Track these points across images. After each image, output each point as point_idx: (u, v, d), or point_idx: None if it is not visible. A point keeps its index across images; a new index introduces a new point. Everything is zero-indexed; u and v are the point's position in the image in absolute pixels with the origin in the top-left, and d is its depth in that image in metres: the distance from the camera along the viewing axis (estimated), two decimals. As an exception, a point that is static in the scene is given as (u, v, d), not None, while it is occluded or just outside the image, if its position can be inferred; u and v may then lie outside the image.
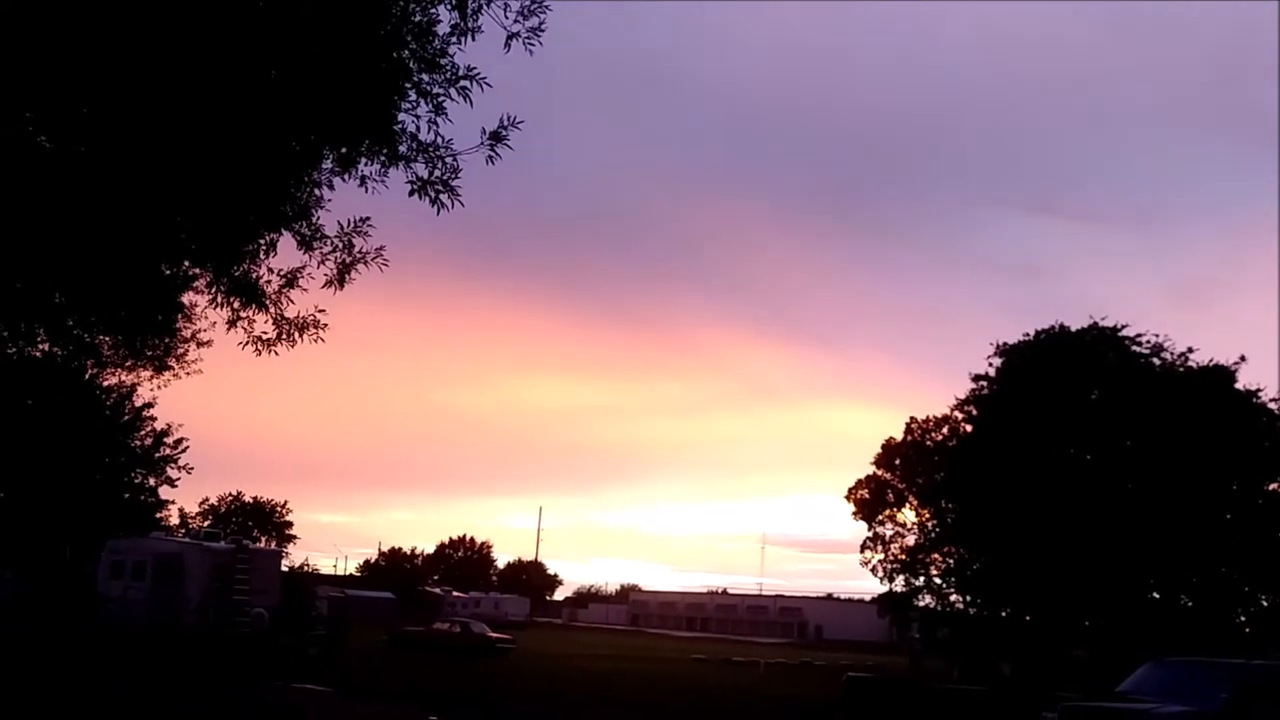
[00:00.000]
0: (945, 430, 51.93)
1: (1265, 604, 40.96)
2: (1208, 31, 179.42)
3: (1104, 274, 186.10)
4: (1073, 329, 43.28)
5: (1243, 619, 41.31)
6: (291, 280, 12.88)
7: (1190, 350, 42.10)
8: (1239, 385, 41.11)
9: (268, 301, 12.94)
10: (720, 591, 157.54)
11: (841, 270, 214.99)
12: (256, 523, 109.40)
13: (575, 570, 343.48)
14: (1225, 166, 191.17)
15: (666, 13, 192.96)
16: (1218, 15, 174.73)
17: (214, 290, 12.99)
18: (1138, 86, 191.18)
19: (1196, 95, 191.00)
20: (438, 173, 11.52)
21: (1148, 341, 42.55)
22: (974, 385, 46.24)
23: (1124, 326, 42.92)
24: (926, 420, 53.76)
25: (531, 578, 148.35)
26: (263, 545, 77.65)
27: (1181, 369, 41.80)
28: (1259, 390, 41.22)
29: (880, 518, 54.11)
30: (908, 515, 53.64)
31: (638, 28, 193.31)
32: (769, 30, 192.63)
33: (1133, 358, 42.43)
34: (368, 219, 12.27)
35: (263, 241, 12.52)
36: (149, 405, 48.15)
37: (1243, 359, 41.44)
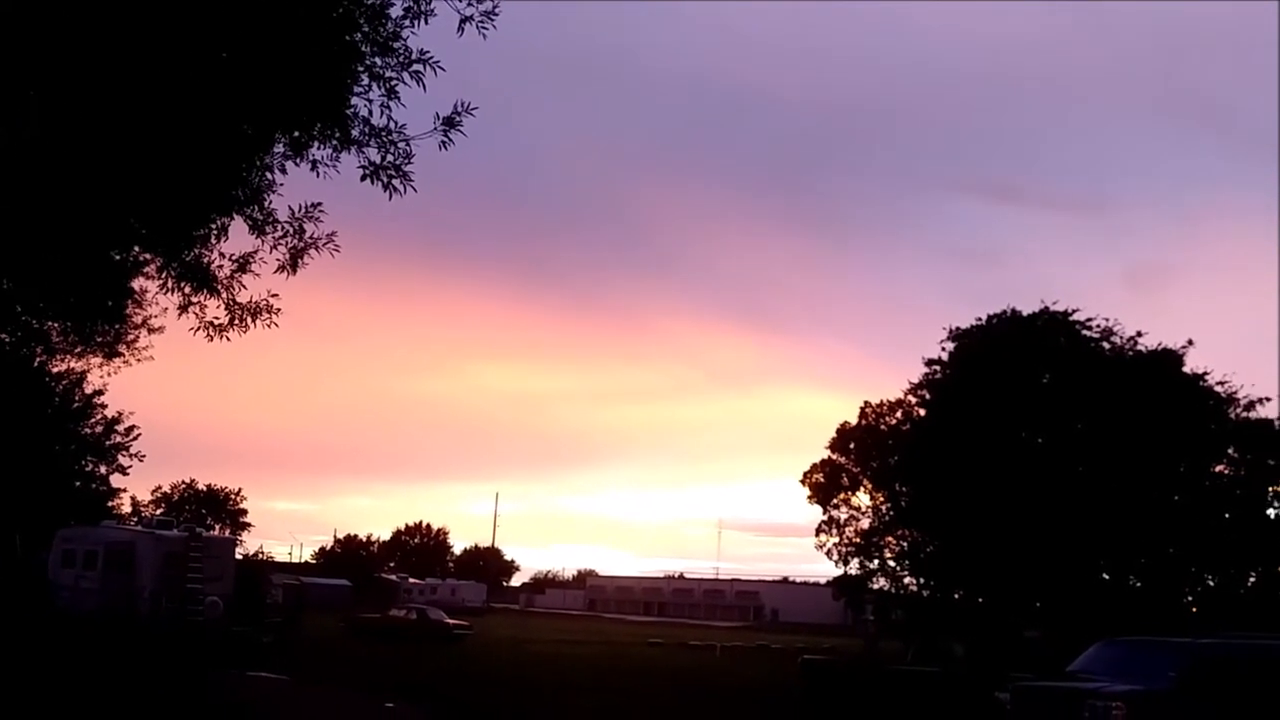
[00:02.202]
0: (899, 414, 52.28)
1: (1212, 584, 41.60)
2: (1160, 17, 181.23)
3: (1058, 259, 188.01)
4: (1024, 313, 43.66)
5: (1190, 599, 41.94)
6: (243, 265, 12.78)
7: (1139, 334, 42.64)
8: (1187, 369, 41.67)
9: (219, 286, 12.83)
10: (677, 576, 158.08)
11: (800, 256, 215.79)
12: (210, 510, 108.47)
13: (533, 556, 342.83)
14: (1177, 151, 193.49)
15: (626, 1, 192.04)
16: (1169, 3, 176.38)
17: (164, 275, 12.86)
18: (1090, 71, 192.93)
19: (1149, 81, 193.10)
20: (390, 158, 11.46)
21: (1098, 325, 43.02)
22: (927, 369, 46.61)
23: (1075, 311, 43.37)
24: (880, 404, 54.09)
25: (488, 564, 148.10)
26: (217, 533, 77.11)
27: (1131, 353, 42.28)
28: (1206, 373, 41.82)
29: (835, 501, 54.42)
30: (862, 499, 53.99)
31: (598, 15, 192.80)
32: (729, 17, 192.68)
33: (1083, 341, 42.87)
34: (319, 204, 12.20)
35: (214, 226, 12.41)
36: (99, 392, 47.65)
37: (1190, 343, 42.00)
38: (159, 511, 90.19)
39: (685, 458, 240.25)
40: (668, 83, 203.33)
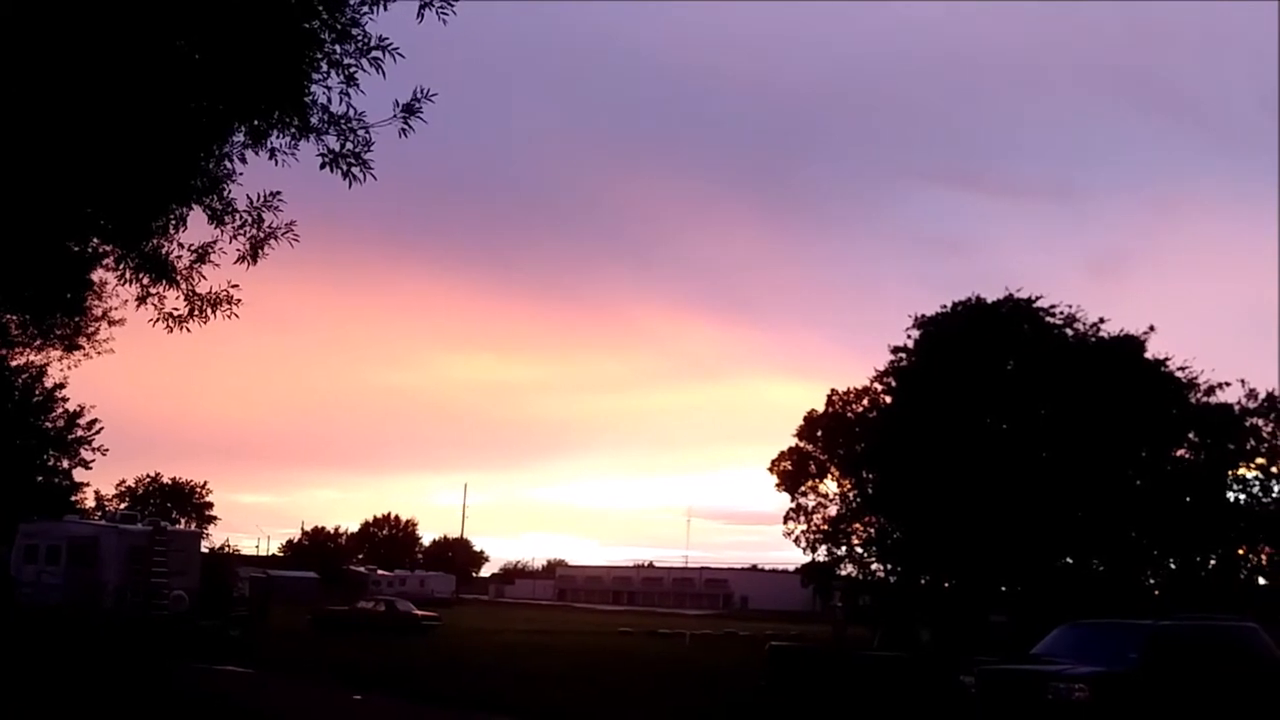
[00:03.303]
0: (865, 401, 52.56)
1: (1173, 567, 42.12)
2: (1125, 6, 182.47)
3: (1022, 246, 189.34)
4: (989, 300, 43.96)
5: (1152, 582, 42.44)
6: (203, 255, 12.63)
7: (1102, 321, 43.08)
8: (1148, 355, 42.11)
9: (178, 277, 12.68)
10: (647, 565, 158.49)
11: (769, 246, 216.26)
12: (175, 504, 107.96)
13: (503, 546, 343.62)
14: (1140, 140, 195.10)
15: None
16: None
17: (123, 267, 12.70)
18: (1054, 60, 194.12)
19: (1113, 69, 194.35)
20: (350, 145, 11.37)
21: (1061, 312, 43.41)
22: (893, 357, 46.86)
23: (1039, 298, 43.74)
24: (847, 392, 54.36)
25: (457, 555, 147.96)
26: (181, 527, 76.67)
27: (1093, 339, 42.69)
28: (1166, 359, 42.30)
29: (803, 489, 54.70)
30: (829, 486, 54.29)
31: (570, 4, 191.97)
32: (702, 8, 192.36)
33: (1047, 328, 43.24)
34: (278, 193, 12.08)
35: (172, 216, 12.27)
36: (60, 386, 47.23)
37: (1152, 329, 42.48)
38: (123, 506, 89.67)
39: (654, 447, 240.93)
40: (638, 72, 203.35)
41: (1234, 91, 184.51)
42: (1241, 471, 42.46)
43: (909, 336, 45.86)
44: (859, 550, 50.96)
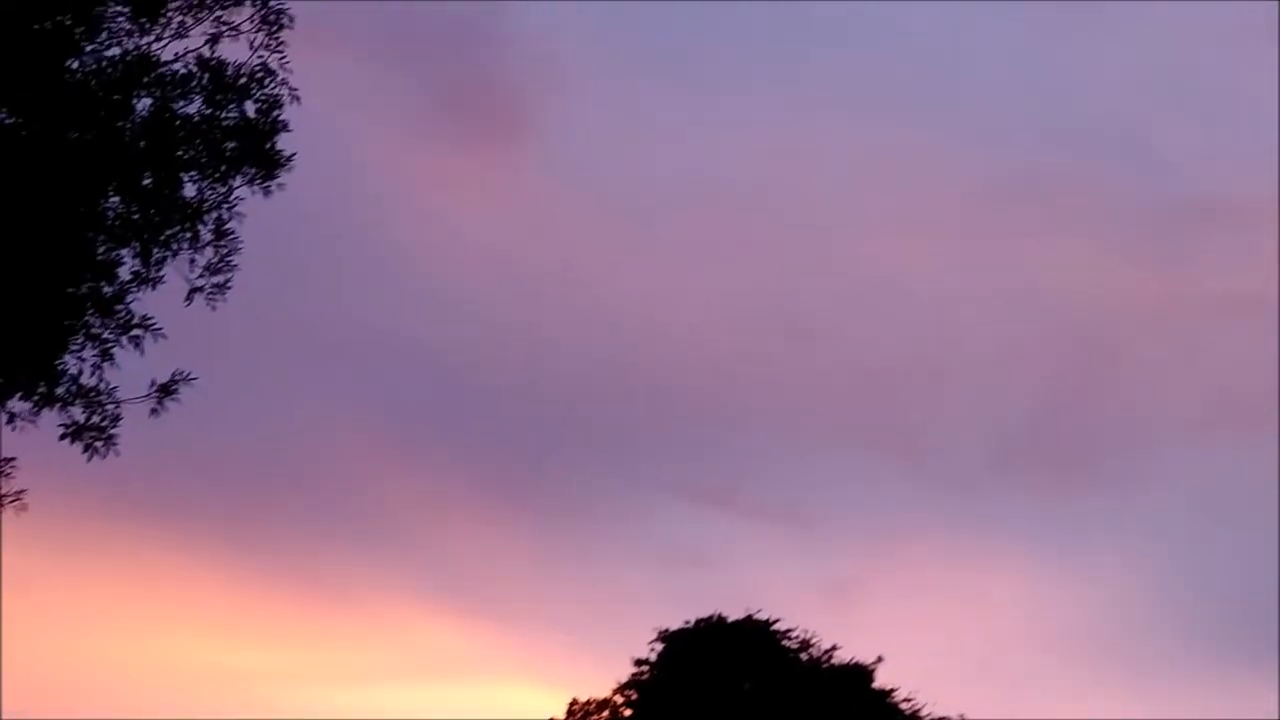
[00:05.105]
0: (606, 713, 51.67)
1: None
2: (865, 358, 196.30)
3: (764, 567, 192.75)
4: (730, 619, 44.58)
5: None
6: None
7: (834, 648, 44.12)
8: (876, 684, 43.23)
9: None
10: None
11: (516, 545, 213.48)
12: None
13: None
14: (875, 478, 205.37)
15: (370, 278, 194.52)
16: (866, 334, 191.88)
17: None
18: (797, 392, 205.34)
19: (854, 411, 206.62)
20: (96, 419, 11.14)
21: (797, 636, 44.31)
22: (635, 669, 46.58)
23: (777, 620, 44.60)
24: (589, 702, 53.25)
25: None
26: None
27: (826, 665, 43.62)
28: (893, 690, 43.49)
29: (535, 803, 52.68)
30: (564, 802, 52.36)
31: (338, 290, 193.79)
32: (466, 300, 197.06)
33: (783, 652, 43.97)
34: (12, 459, 11.62)
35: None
36: None
37: (880, 659, 43.85)
38: None
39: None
40: (398, 360, 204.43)
41: (964, 448, 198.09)
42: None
43: (652, 649, 45.87)
44: None
